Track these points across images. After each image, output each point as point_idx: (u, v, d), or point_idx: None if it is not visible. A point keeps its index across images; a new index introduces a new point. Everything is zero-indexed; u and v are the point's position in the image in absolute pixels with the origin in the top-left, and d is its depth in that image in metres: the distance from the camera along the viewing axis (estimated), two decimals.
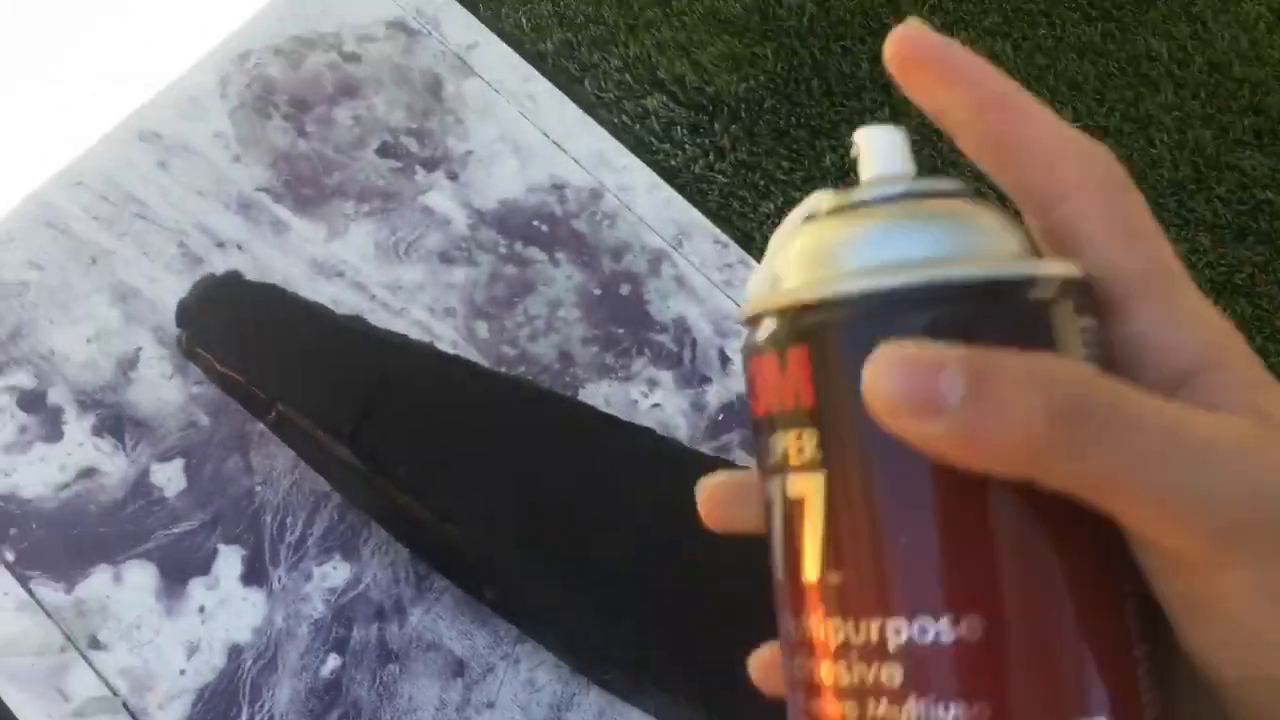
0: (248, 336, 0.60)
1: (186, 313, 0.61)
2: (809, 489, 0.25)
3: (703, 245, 0.76)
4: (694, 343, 0.72)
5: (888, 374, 0.22)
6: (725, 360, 0.72)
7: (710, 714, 0.57)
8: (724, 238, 0.77)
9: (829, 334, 0.24)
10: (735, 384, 0.71)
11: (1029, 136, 0.25)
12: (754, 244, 0.78)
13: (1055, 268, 0.24)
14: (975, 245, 0.25)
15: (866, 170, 0.27)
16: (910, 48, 0.25)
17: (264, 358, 0.59)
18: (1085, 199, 0.25)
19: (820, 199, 0.27)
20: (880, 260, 0.24)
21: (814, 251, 0.26)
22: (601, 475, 0.59)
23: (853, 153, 0.27)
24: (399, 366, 0.60)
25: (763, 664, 0.30)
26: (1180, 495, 0.21)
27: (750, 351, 0.26)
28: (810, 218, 0.27)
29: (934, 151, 0.79)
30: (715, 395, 0.70)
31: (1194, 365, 0.24)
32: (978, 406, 0.22)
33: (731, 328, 0.73)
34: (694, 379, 0.71)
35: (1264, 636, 0.22)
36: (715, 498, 0.30)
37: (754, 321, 0.26)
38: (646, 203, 0.77)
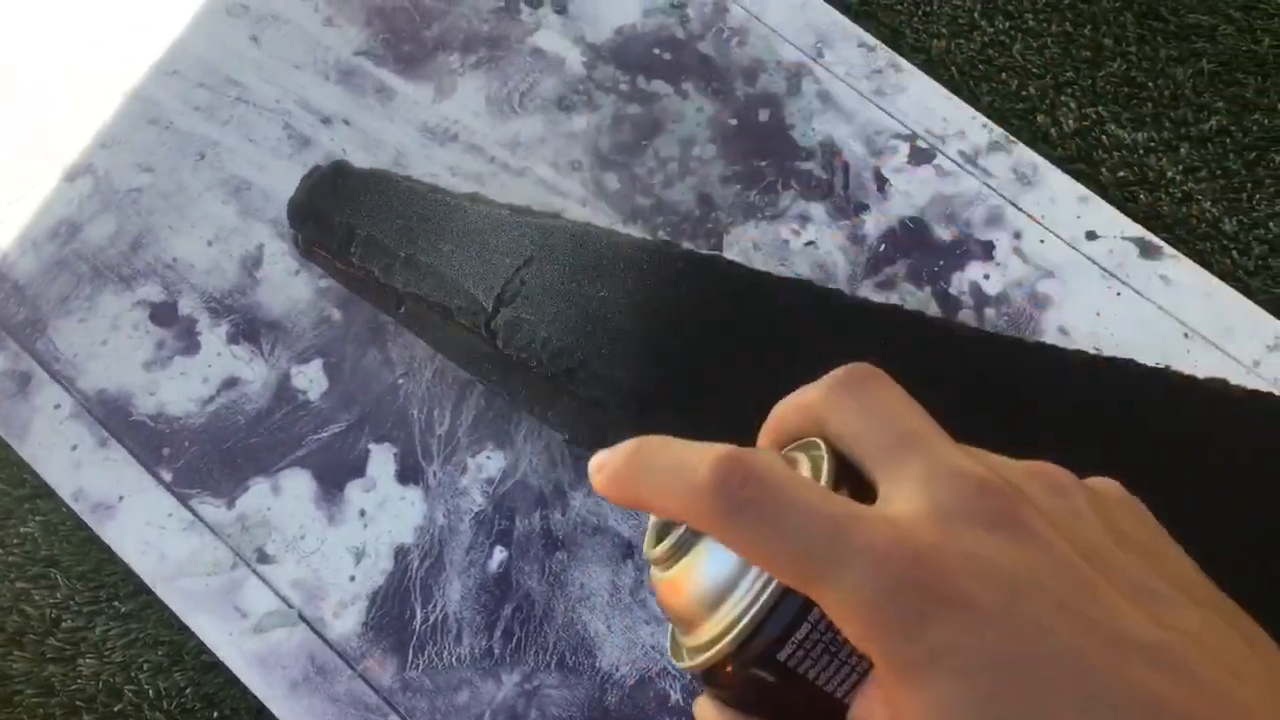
0: (363, 228, 0.56)
1: (299, 211, 0.58)
2: None
3: (847, 51, 0.68)
4: (845, 167, 0.65)
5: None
6: (882, 182, 0.64)
7: None
8: (870, 39, 0.68)
9: None
10: (896, 208, 0.64)
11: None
12: (904, 41, 0.69)
13: None
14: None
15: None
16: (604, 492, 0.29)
17: (383, 250, 0.56)
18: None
19: None
20: None
21: None
22: (762, 340, 0.54)
23: None
24: (528, 245, 0.55)
25: None
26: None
27: None
28: None
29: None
30: (874, 223, 0.64)
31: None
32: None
33: (886, 144, 0.65)
34: (849, 208, 0.64)
35: None
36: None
37: None
38: (778, 9, 0.69)
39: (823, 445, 0.28)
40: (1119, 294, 0.62)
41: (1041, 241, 0.63)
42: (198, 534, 0.58)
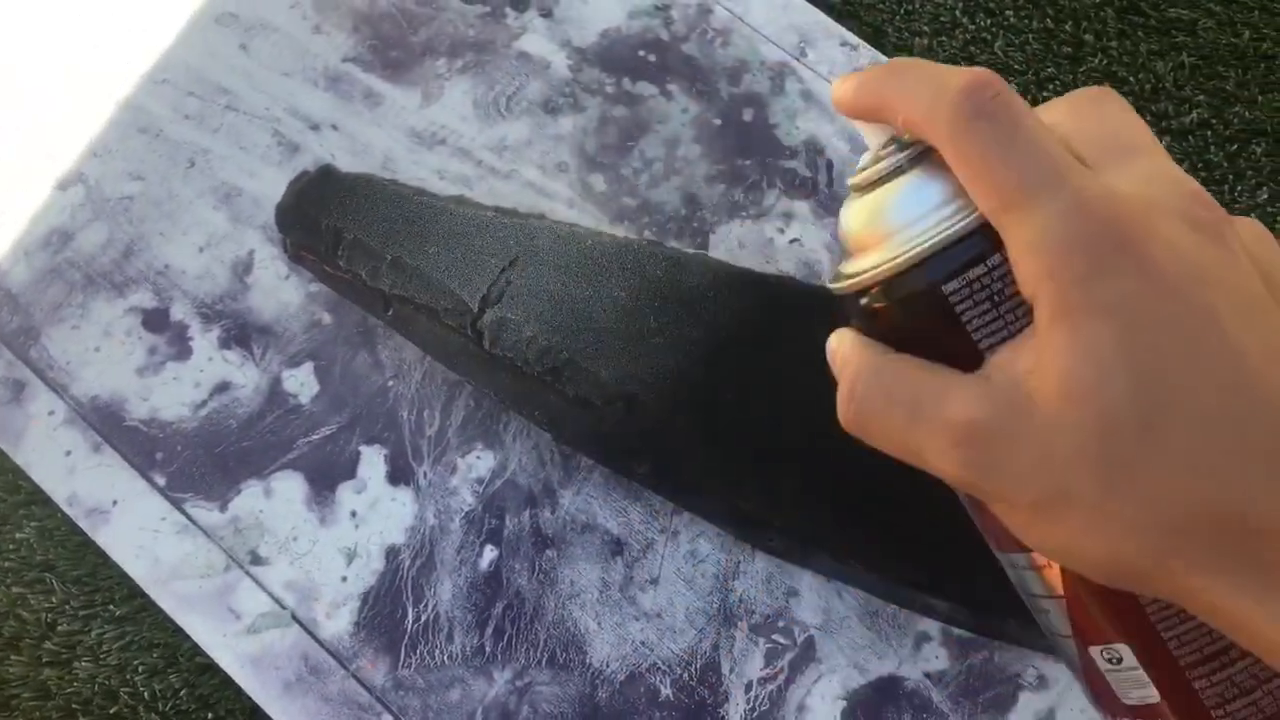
0: (350, 232, 0.56)
1: (286, 216, 0.58)
2: None
3: (830, 50, 0.68)
4: (829, 165, 0.65)
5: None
6: None
7: (881, 575, 0.54)
8: (852, 38, 0.68)
9: None
10: None
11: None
12: (886, 39, 0.70)
13: None
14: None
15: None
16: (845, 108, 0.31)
17: (369, 252, 0.56)
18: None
19: None
20: None
21: None
22: (746, 336, 0.54)
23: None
24: (513, 246, 0.55)
25: None
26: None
27: None
28: None
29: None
30: None
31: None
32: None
33: None
34: (833, 205, 0.64)
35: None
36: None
37: None
38: (761, 10, 0.69)
39: None
40: None
41: None
42: (191, 537, 0.59)
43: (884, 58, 0.67)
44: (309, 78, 0.68)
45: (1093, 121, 0.29)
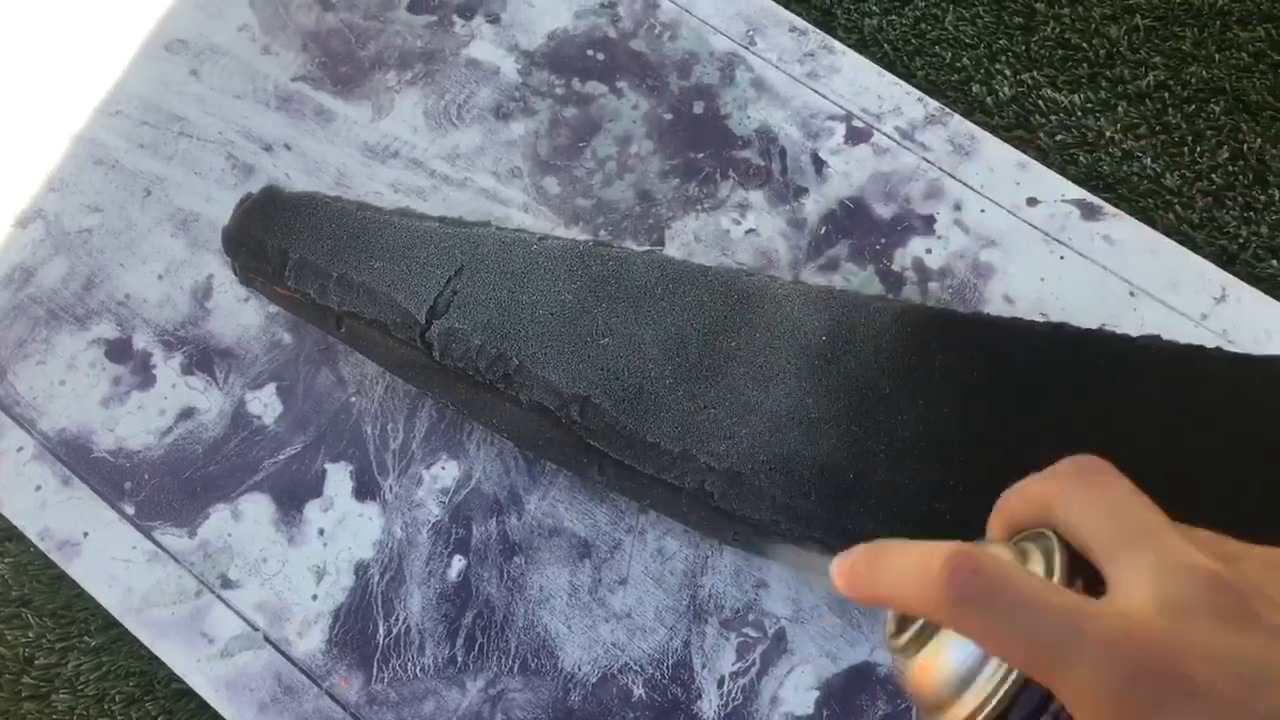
0: (295, 251, 0.56)
1: (232, 240, 0.58)
2: None
3: (778, 37, 0.68)
4: (782, 152, 0.65)
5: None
6: (820, 164, 0.64)
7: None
8: (801, 23, 0.68)
9: None
10: (834, 190, 0.64)
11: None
12: (835, 21, 0.69)
13: None
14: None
15: None
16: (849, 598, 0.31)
17: (316, 271, 0.56)
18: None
19: None
20: None
21: None
22: (696, 330, 0.54)
23: None
24: (458, 255, 0.55)
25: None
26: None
27: None
28: None
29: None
30: (814, 207, 0.64)
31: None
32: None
33: (822, 126, 0.65)
34: (788, 193, 0.64)
35: None
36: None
37: None
38: (708, 1, 0.69)
39: (1053, 536, 0.29)
40: (1062, 258, 0.61)
41: (982, 211, 0.63)
42: (161, 564, 0.59)
43: (834, 41, 0.67)
44: (260, 99, 0.68)
45: (1085, 509, 0.28)
